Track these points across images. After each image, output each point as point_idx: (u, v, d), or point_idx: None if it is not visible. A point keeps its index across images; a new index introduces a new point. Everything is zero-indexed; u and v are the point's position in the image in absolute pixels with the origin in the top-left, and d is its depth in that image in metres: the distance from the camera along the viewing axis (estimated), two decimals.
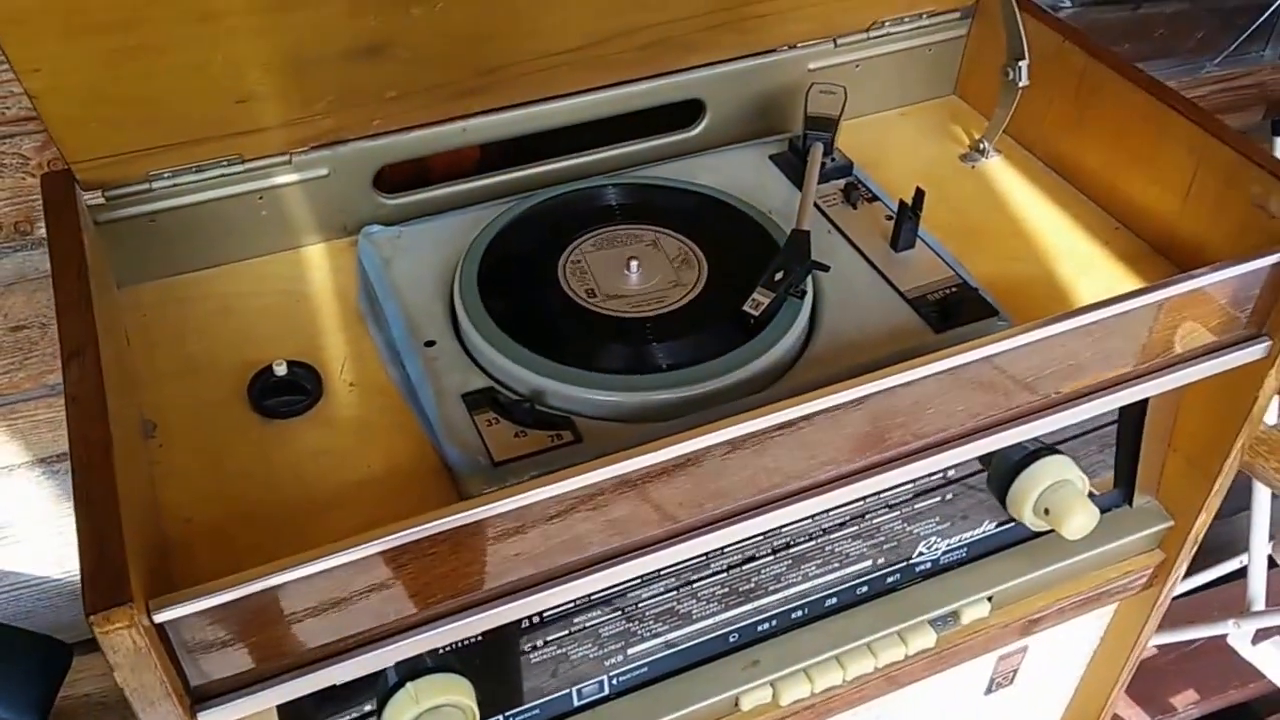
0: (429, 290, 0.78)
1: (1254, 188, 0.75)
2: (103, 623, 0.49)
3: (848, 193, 0.86)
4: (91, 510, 0.53)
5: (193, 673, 0.55)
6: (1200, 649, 1.78)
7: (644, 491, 0.60)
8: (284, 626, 0.56)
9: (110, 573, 0.50)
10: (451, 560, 0.58)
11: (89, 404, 0.59)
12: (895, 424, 0.66)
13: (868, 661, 0.82)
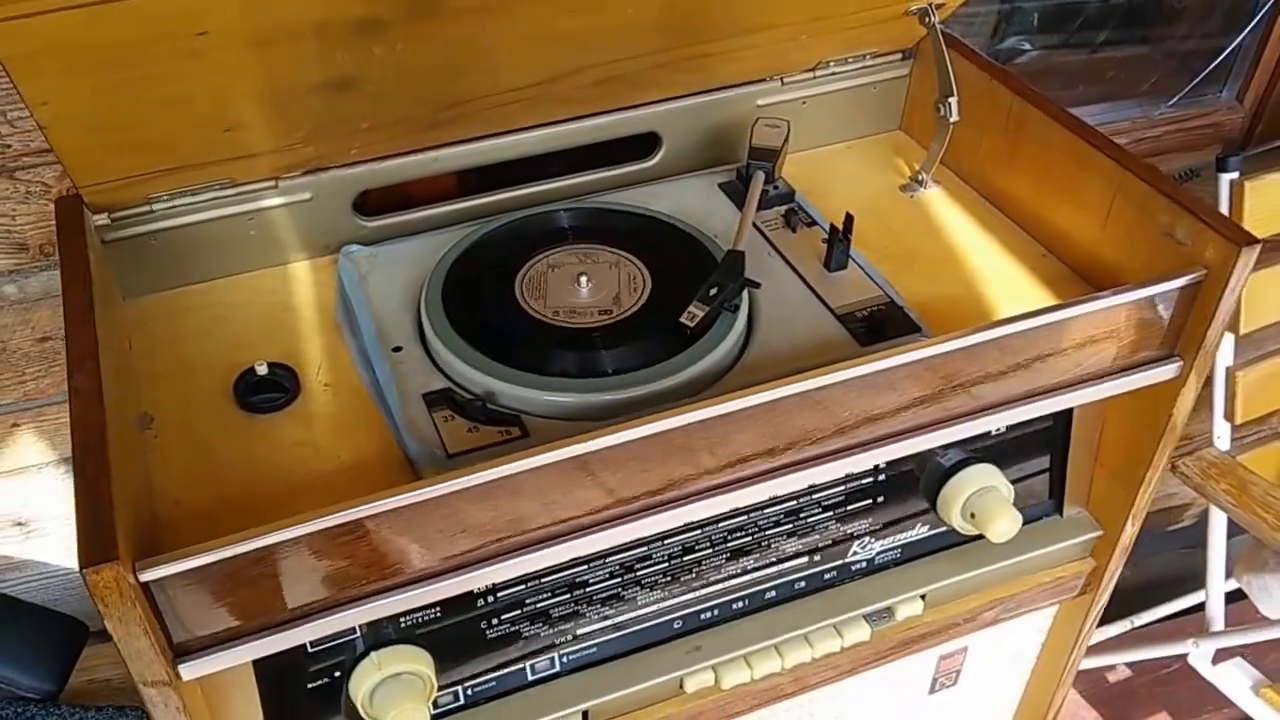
0: (399, 302, 0.86)
1: (1162, 217, 0.82)
2: (93, 576, 0.57)
3: (788, 218, 0.94)
4: (87, 483, 0.61)
5: (175, 628, 0.63)
6: (1174, 674, 1.82)
7: (576, 479, 0.68)
8: (256, 590, 0.63)
9: (101, 535, 0.58)
10: (406, 535, 0.65)
11: (89, 396, 0.67)
12: (811, 427, 0.73)
13: (805, 651, 0.89)
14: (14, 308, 1.07)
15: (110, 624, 0.59)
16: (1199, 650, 1.40)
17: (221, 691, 0.73)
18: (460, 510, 0.66)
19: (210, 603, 0.63)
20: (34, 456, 1.20)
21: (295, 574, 0.64)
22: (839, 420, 0.73)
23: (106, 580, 0.57)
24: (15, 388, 1.13)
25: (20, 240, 1.02)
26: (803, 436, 0.73)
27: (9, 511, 1.24)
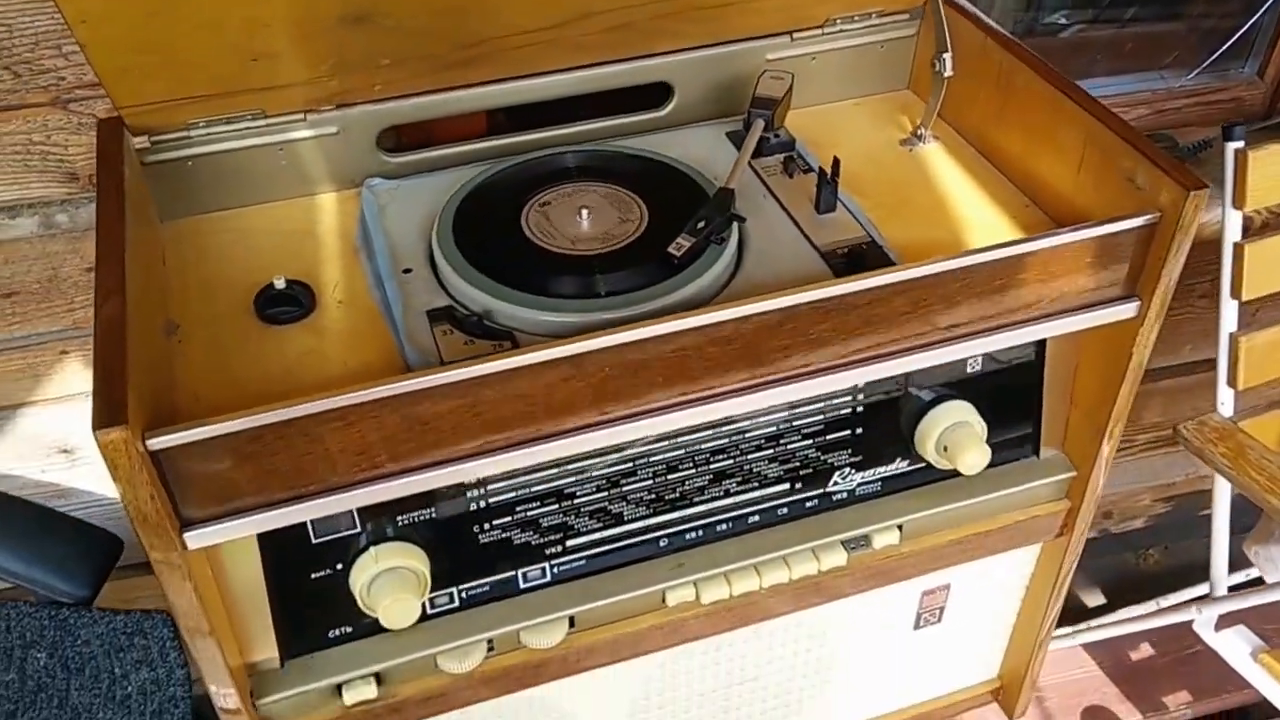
0: (413, 231, 0.92)
1: (1125, 163, 0.86)
2: (103, 437, 0.63)
3: (787, 165, 0.99)
4: (104, 356, 0.68)
5: (181, 498, 0.69)
6: (1197, 655, 1.84)
7: (556, 384, 0.74)
8: (257, 467, 0.70)
9: (112, 400, 0.64)
10: (395, 426, 0.72)
11: (113, 282, 0.74)
12: (781, 346, 0.78)
13: (783, 573, 0.94)
14: (65, 236, 1.14)
15: (120, 486, 0.66)
16: (1202, 616, 1.43)
17: (232, 579, 0.80)
18: (448, 406, 0.72)
19: (213, 476, 0.69)
20: (81, 384, 1.27)
21: (292, 455, 0.70)
22: (810, 341, 0.79)
23: (115, 443, 0.64)
24: (65, 315, 1.20)
25: (71, 170, 1.09)
26: (775, 356, 0.78)
27: (56, 439, 1.31)
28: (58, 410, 1.28)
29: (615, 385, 0.76)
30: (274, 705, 0.85)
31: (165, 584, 0.72)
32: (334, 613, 0.85)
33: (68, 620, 1.09)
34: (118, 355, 0.68)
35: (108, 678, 1.08)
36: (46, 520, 1.10)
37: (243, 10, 0.77)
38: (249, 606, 0.82)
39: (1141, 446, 1.86)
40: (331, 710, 0.87)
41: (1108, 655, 1.86)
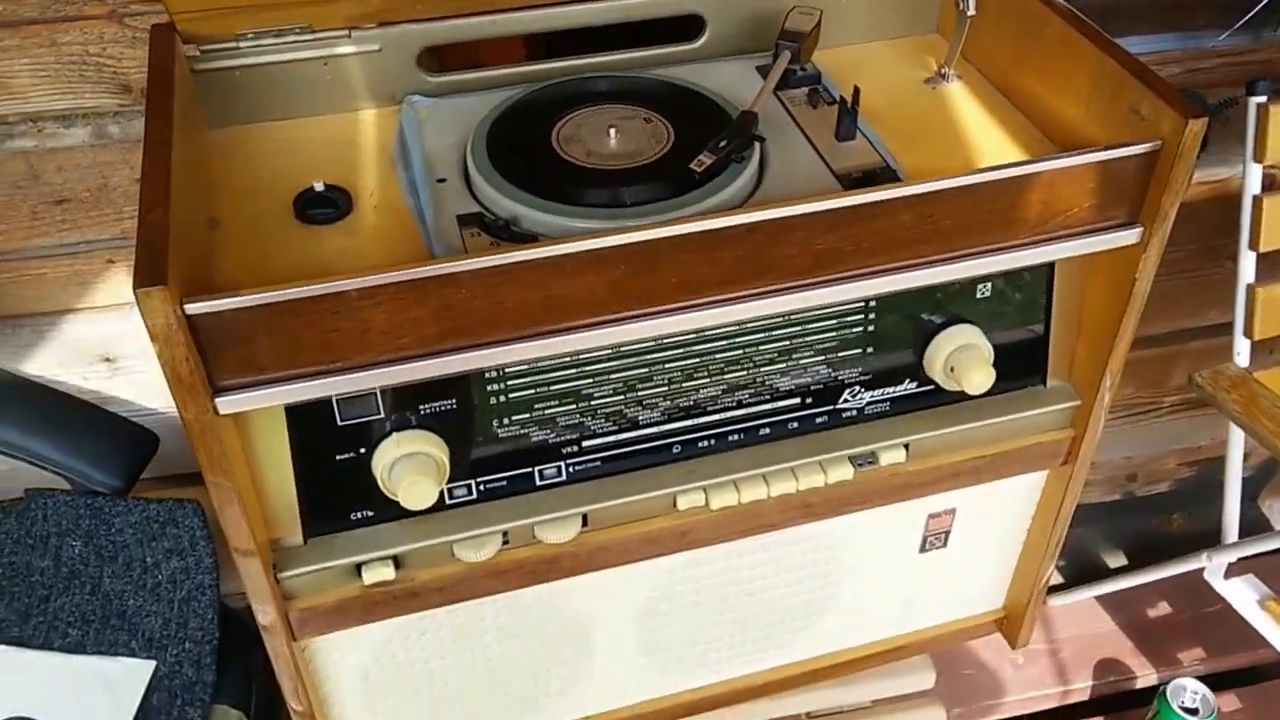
0: (449, 146, 0.97)
1: (1131, 95, 0.89)
2: (144, 296, 0.68)
3: (811, 97, 1.03)
4: (148, 223, 0.73)
5: (214, 365, 0.74)
6: (1213, 615, 1.87)
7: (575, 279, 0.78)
8: (289, 339, 0.75)
9: (154, 262, 0.69)
10: (420, 310, 0.76)
11: (160, 158, 0.79)
12: (789, 255, 0.82)
13: (790, 483, 0.98)
14: (116, 146, 1.19)
15: (157, 346, 0.71)
16: (1212, 564, 1.46)
17: (261, 457, 0.85)
18: (473, 293, 0.76)
19: (246, 346, 0.74)
20: (126, 294, 1.32)
21: (321, 330, 0.75)
22: (817, 251, 0.82)
23: (154, 301, 0.69)
24: (114, 224, 1.26)
25: (125, 83, 1.14)
26: (783, 264, 0.82)
27: (99, 347, 1.37)
28: (102, 318, 1.34)
29: (630, 284, 0.80)
30: (295, 579, 0.90)
31: (196, 445, 0.77)
32: (356, 495, 0.90)
33: (103, 509, 1.14)
34: (161, 231, 0.73)
35: (139, 566, 1.14)
36: (87, 413, 1.16)
37: None
38: (276, 485, 0.87)
39: (1168, 409, 1.88)
40: (350, 589, 0.92)
41: (1125, 612, 1.90)
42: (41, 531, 1.16)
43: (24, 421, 1.11)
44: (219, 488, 0.79)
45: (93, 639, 1.11)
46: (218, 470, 0.78)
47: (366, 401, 0.86)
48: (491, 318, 0.79)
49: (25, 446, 1.11)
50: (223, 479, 0.78)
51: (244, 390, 0.76)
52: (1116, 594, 1.88)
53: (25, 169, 1.18)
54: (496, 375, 0.88)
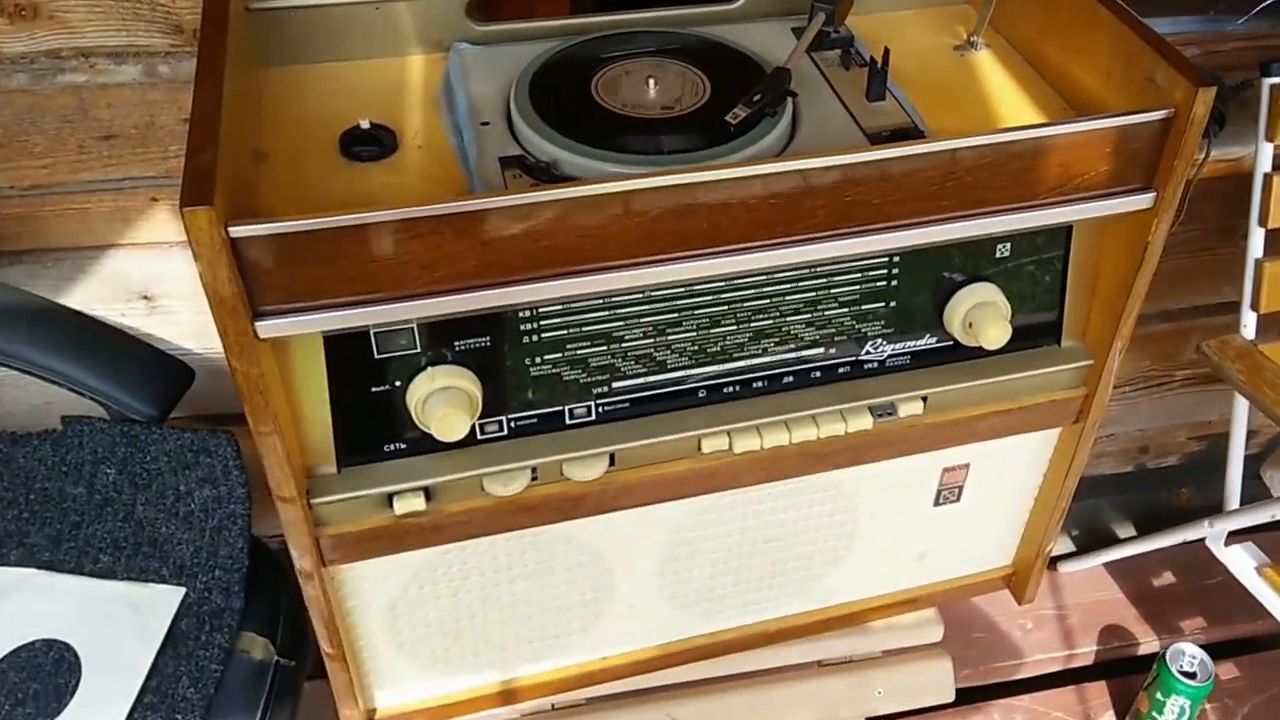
0: (493, 91, 0.99)
1: (1146, 64, 0.92)
2: (189, 215, 0.71)
3: (843, 58, 1.05)
4: (196, 144, 0.76)
5: (256, 289, 0.78)
6: (1214, 586, 1.91)
7: (609, 219, 0.81)
8: (329, 268, 0.78)
9: (201, 182, 0.72)
10: (456, 244, 0.79)
11: (211, 84, 0.82)
12: (819, 205, 0.85)
13: (811, 430, 1.01)
14: (165, 86, 1.22)
15: (200, 266, 0.74)
16: (1213, 530, 1.49)
17: (300, 387, 0.89)
18: (511, 229, 0.79)
19: (288, 272, 0.78)
20: (168, 234, 1.36)
21: (362, 260, 0.78)
22: (845, 203, 0.86)
23: (200, 221, 0.72)
24: (159, 162, 1.29)
25: (176, 23, 1.18)
26: (811, 214, 0.85)
27: (137, 284, 1.40)
28: (142, 255, 1.37)
29: (663, 226, 0.83)
30: (327, 506, 0.94)
31: (235, 368, 0.80)
32: (390, 428, 0.93)
33: (138, 436, 1.18)
34: (210, 155, 0.76)
35: (172, 494, 1.18)
36: (125, 342, 1.20)
37: None
38: (312, 414, 0.90)
39: (1180, 382, 1.91)
40: (381, 519, 0.96)
41: (1130, 580, 1.94)
42: (76, 459, 1.20)
43: (64, 347, 1.15)
44: (256, 411, 0.83)
45: (123, 565, 1.15)
46: (255, 393, 0.82)
47: (403, 336, 0.89)
48: (529, 255, 0.82)
49: (64, 371, 1.14)
50: (260, 401, 0.82)
51: (284, 315, 0.79)
52: (1123, 563, 1.92)
53: (75, 103, 1.21)
54: (530, 315, 0.91)
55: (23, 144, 1.23)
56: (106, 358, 1.16)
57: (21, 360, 1.13)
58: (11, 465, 1.19)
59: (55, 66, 1.19)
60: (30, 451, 1.20)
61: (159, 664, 1.07)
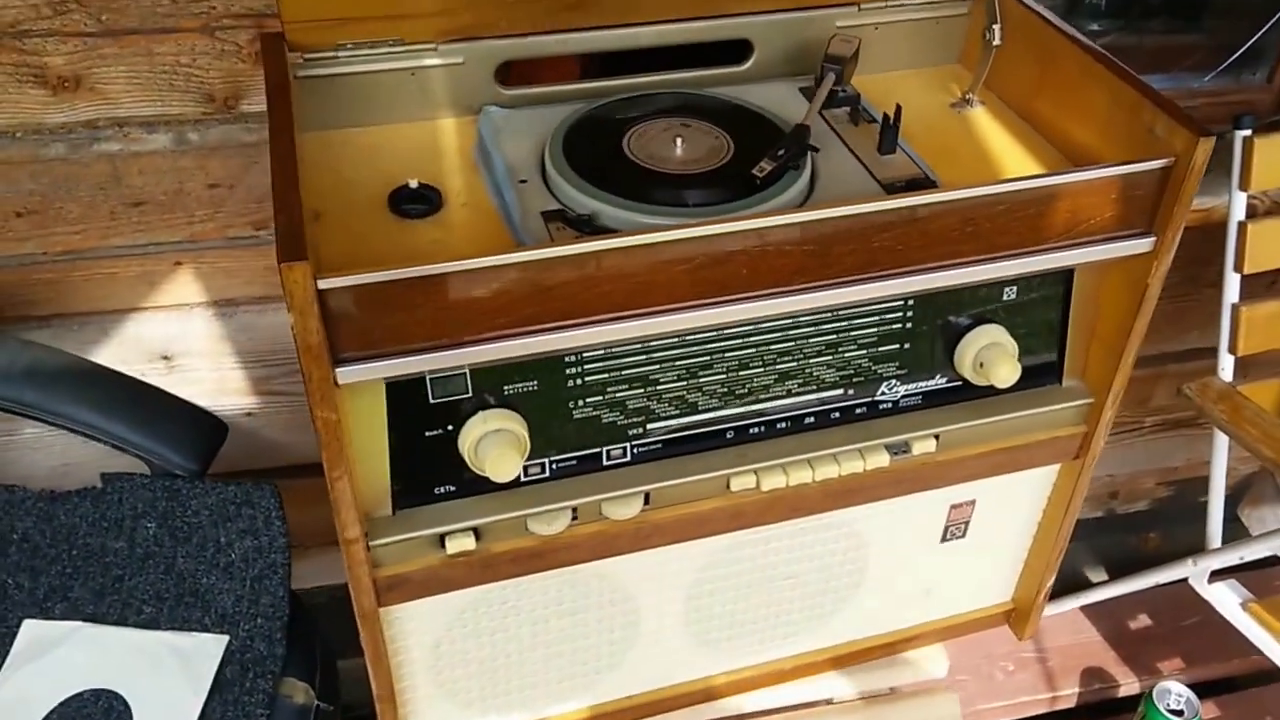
0: (526, 151, 1.06)
1: (1146, 117, 0.99)
2: (287, 270, 0.76)
3: (853, 115, 1.13)
4: (286, 205, 0.81)
5: (335, 338, 0.82)
6: (1192, 625, 1.98)
7: (651, 268, 0.87)
8: (404, 316, 0.83)
9: (295, 239, 0.78)
10: (521, 289, 0.85)
11: (286, 146, 0.88)
12: (849, 250, 0.92)
13: (833, 468, 1.07)
14: (194, 153, 1.27)
15: (293, 317, 0.79)
16: (1196, 569, 1.55)
17: (360, 431, 0.93)
18: (568, 276, 0.85)
19: (366, 320, 0.83)
20: (189, 295, 1.41)
21: (434, 308, 0.83)
22: (873, 249, 0.92)
23: (296, 275, 0.77)
24: (184, 227, 1.34)
25: (209, 92, 1.23)
26: (842, 259, 0.92)
27: (158, 345, 1.44)
28: (165, 318, 1.41)
29: (706, 273, 0.89)
30: (384, 548, 0.98)
31: (316, 410, 0.85)
32: (441, 470, 0.98)
33: (180, 491, 1.21)
34: (297, 213, 0.81)
35: (213, 545, 1.21)
36: (165, 399, 1.24)
37: None
38: (371, 460, 0.95)
39: (1149, 429, 1.99)
40: (433, 559, 1.00)
41: (1108, 623, 1.99)
42: (116, 514, 1.23)
43: (107, 405, 1.18)
44: (332, 456, 0.87)
45: (167, 615, 1.18)
46: (333, 439, 0.86)
47: (456, 381, 0.94)
48: (583, 301, 0.87)
49: (108, 429, 1.18)
50: (336, 446, 0.86)
51: (360, 363, 0.84)
52: (1100, 606, 1.98)
53: (109, 171, 1.26)
54: (575, 359, 0.96)
55: (58, 211, 1.28)
56: (149, 415, 1.19)
57: (68, 419, 1.16)
58: (53, 522, 1.22)
59: (91, 136, 1.23)
60: (71, 509, 1.23)
61: (207, 710, 1.10)
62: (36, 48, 1.16)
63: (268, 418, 1.56)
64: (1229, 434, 1.39)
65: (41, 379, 1.17)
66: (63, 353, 1.25)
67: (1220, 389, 1.43)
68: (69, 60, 1.17)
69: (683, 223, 0.87)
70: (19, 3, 1.13)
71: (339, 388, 0.84)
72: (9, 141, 1.22)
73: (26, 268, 1.32)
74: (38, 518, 1.24)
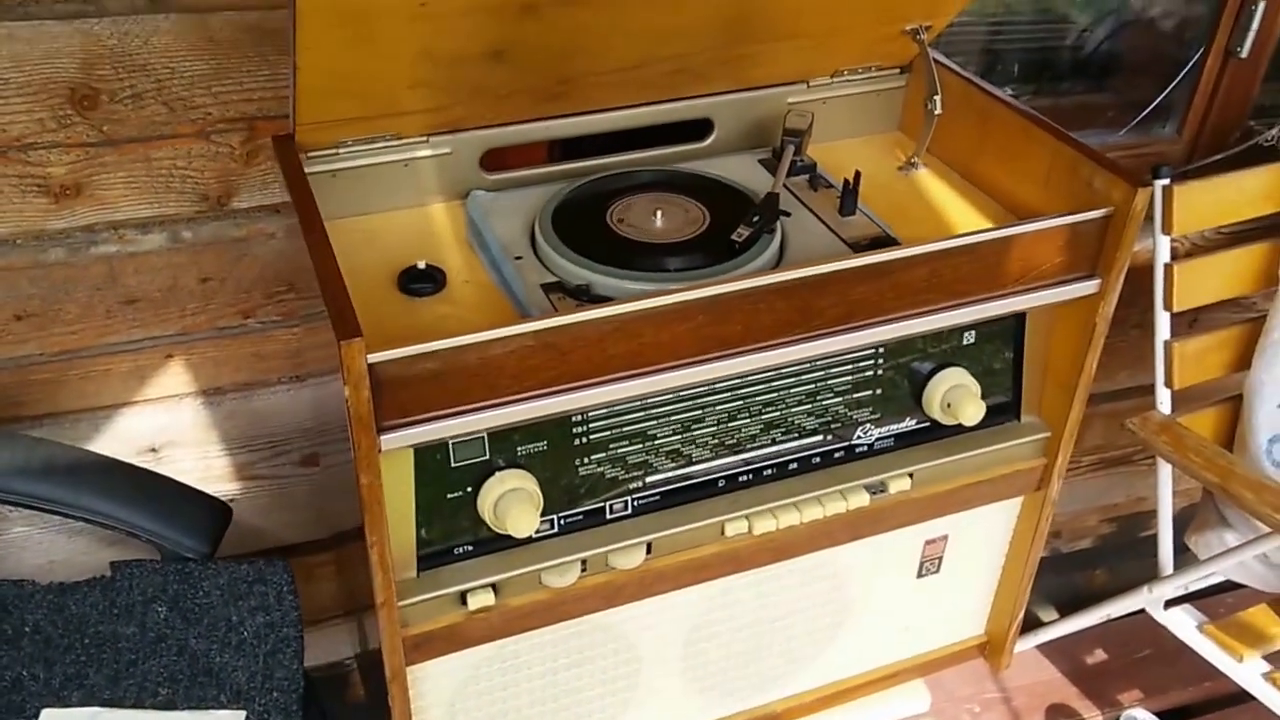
0: (516, 229, 1.14)
1: (1084, 172, 1.10)
2: (346, 346, 0.83)
3: (812, 182, 1.23)
4: (333, 292, 0.89)
5: (380, 407, 0.89)
6: (1146, 658, 2.07)
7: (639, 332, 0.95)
8: (438, 384, 0.90)
9: (348, 319, 0.85)
10: (541, 354, 0.92)
11: (321, 241, 0.95)
12: (830, 304, 1.00)
13: (817, 509, 1.15)
14: (187, 250, 1.33)
15: (348, 390, 0.86)
16: (1152, 595, 1.65)
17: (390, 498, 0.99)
18: (584, 339, 0.93)
19: (406, 389, 0.90)
20: (179, 386, 1.45)
21: (465, 375, 0.90)
22: (851, 301, 1.01)
23: (354, 351, 0.84)
24: (176, 321, 1.39)
25: (203, 192, 1.29)
26: (825, 311, 1.00)
27: (147, 437, 1.48)
28: (153, 410, 1.45)
29: (705, 331, 0.97)
30: (411, 608, 1.04)
31: (362, 477, 0.91)
32: (462, 530, 1.04)
33: (192, 573, 1.26)
34: (344, 295, 0.88)
35: (224, 624, 1.25)
36: (172, 485, 1.28)
37: (420, 43, 0.98)
38: (399, 525, 1.01)
39: (1086, 468, 2.09)
40: (455, 616, 1.06)
41: (1067, 660, 2.08)
42: (127, 601, 1.26)
43: (122, 495, 1.22)
44: (374, 520, 0.93)
45: (182, 695, 1.21)
46: (375, 503, 0.92)
47: (475, 445, 1.00)
48: (596, 363, 0.95)
49: (125, 518, 1.21)
50: (377, 511, 0.93)
51: (400, 430, 0.91)
52: (1057, 644, 2.06)
53: (106, 272, 1.31)
54: (581, 419, 1.04)
55: (56, 312, 1.32)
56: (161, 501, 1.24)
57: (85, 510, 1.20)
58: (64, 613, 1.25)
59: (89, 239, 1.29)
60: (80, 598, 1.26)
61: None
62: (40, 159, 1.21)
63: (249, 503, 1.59)
64: (1173, 463, 1.50)
65: (58, 474, 1.21)
66: (72, 447, 1.29)
67: (1160, 421, 1.53)
68: (71, 169, 1.23)
69: (685, 286, 0.95)
70: (25, 118, 1.19)
71: (381, 454, 0.91)
72: (10, 248, 1.27)
73: (24, 368, 1.36)
74: (49, 609, 1.27)
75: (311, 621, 1.70)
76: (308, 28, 0.90)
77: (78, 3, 1.15)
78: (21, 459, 1.20)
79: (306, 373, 1.46)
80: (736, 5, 1.08)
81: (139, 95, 1.21)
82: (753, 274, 0.99)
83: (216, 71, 1.22)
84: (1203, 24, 1.71)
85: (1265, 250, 1.59)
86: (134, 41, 1.18)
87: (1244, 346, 1.62)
